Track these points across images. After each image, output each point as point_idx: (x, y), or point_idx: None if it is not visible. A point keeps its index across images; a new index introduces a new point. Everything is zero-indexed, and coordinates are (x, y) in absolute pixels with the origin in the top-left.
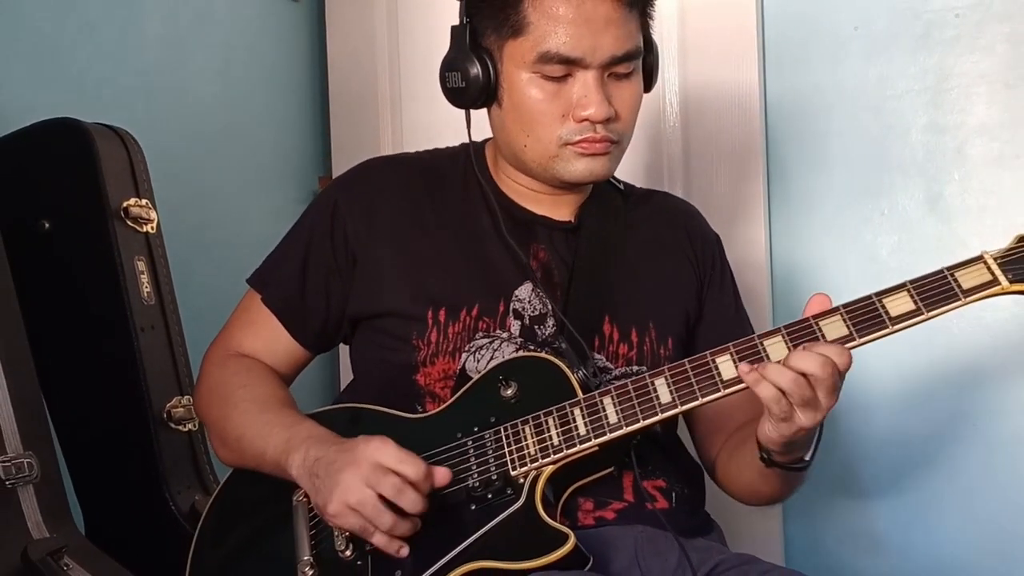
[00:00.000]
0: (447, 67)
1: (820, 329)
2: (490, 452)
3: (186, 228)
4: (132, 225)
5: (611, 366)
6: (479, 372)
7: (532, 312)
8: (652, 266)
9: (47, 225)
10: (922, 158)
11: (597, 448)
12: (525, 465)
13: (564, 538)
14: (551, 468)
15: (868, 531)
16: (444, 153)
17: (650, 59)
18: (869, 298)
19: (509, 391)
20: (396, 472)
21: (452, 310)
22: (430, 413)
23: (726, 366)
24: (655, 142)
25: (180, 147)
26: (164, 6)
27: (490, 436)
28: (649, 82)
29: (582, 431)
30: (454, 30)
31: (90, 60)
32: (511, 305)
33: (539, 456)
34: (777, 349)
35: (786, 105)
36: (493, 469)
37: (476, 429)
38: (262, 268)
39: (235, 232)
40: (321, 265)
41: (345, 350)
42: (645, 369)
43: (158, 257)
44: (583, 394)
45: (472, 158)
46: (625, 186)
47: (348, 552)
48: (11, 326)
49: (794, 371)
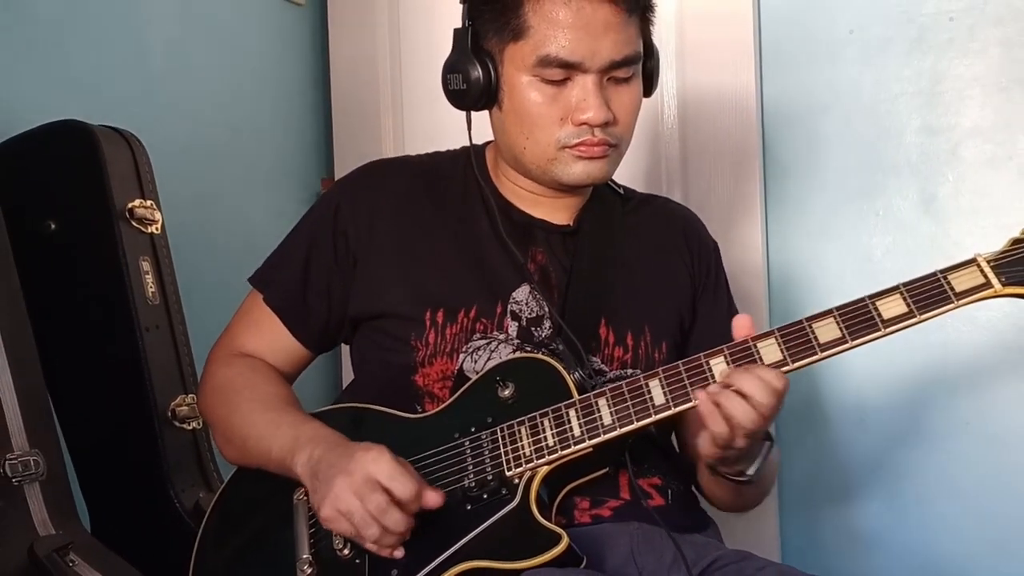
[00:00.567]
0: (449, 69)
1: (813, 332)
2: (486, 452)
3: (190, 229)
4: (137, 226)
5: (606, 369)
6: (477, 373)
7: (529, 314)
8: (649, 271)
9: (53, 225)
10: (916, 160)
11: (592, 449)
12: (520, 465)
13: (557, 538)
14: (546, 468)
15: (863, 528)
16: (445, 156)
17: (650, 64)
18: (862, 300)
19: (506, 392)
20: (386, 489)
21: (450, 311)
22: (428, 413)
23: (719, 368)
24: (653, 145)
25: (184, 149)
26: (169, 10)
27: (486, 436)
28: (649, 87)
29: (577, 432)
30: (456, 33)
31: (96, 63)
32: (509, 307)
33: (534, 457)
34: (770, 351)
35: (782, 108)
36: (489, 469)
37: (473, 429)
38: (264, 268)
39: (238, 232)
40: (322, 266)
41: (347, 350)
42: (640, 372)
43: (163, 257)
44: (579, 395)
45: (472, 161)
46: (625, 190)
47: (346, 551)
48: (17, 325)
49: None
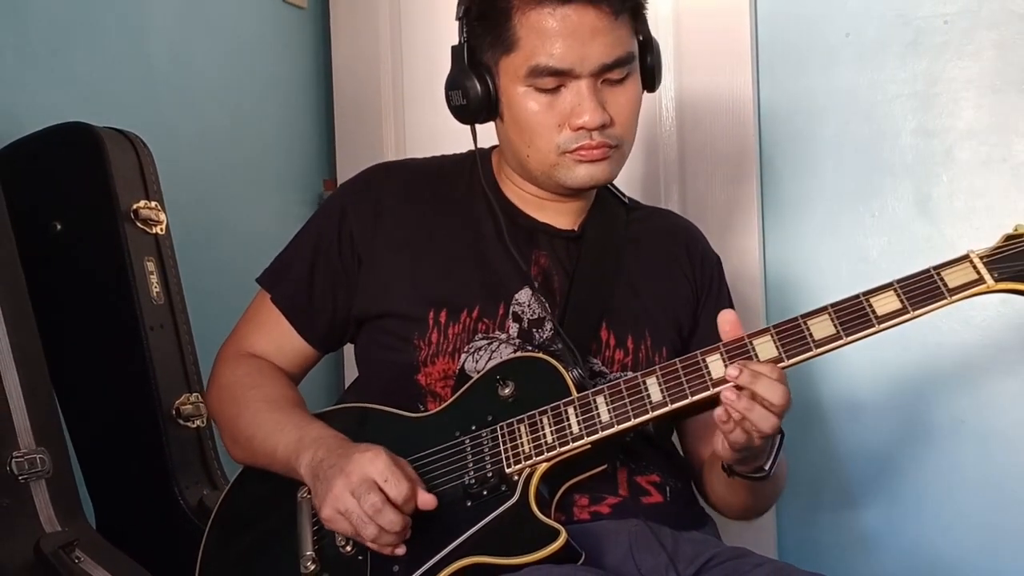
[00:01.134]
0: (450, 86)
1: (808, 328)
2: (486, 450)
3: (194, 229)
4: (142, 226)
5: (606, 371)
6: (478, 372)
7: (531, 316)
8: (651, 278)
9: (59, 226)
10: (912, 161)
11: (590, 446)
12: (520, 463)
13: (556, 534)
14: (545, 465)
15: (859, 526)
16: (450, 159)
17: (650, 59)
18: (856, 297)
19: (507, 390)
20: (382, 490)
21: (453, 312)
22: (430, 412)
23: (716, 365)
24: (651, 147)
25: (189, 150)
26: (172, 14)
27: (487, 434)
28: (652, 82)
29: (575, 429)
30: (454, 49)
31: (100, 66)
32: (511, 308)
33: (533, 454)
34: (766, 349)
35: (779, 110)
36: (489, 466)
37: (474, 428)
38: (272, 269)
39: (242, 233)
40: (328, 267)
41: (350, 349)
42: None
43: (167, 258)
44: (578, 393)
45: (478, 165)
46: (630, 200)
47: (348, 548)
48: (24, 325)
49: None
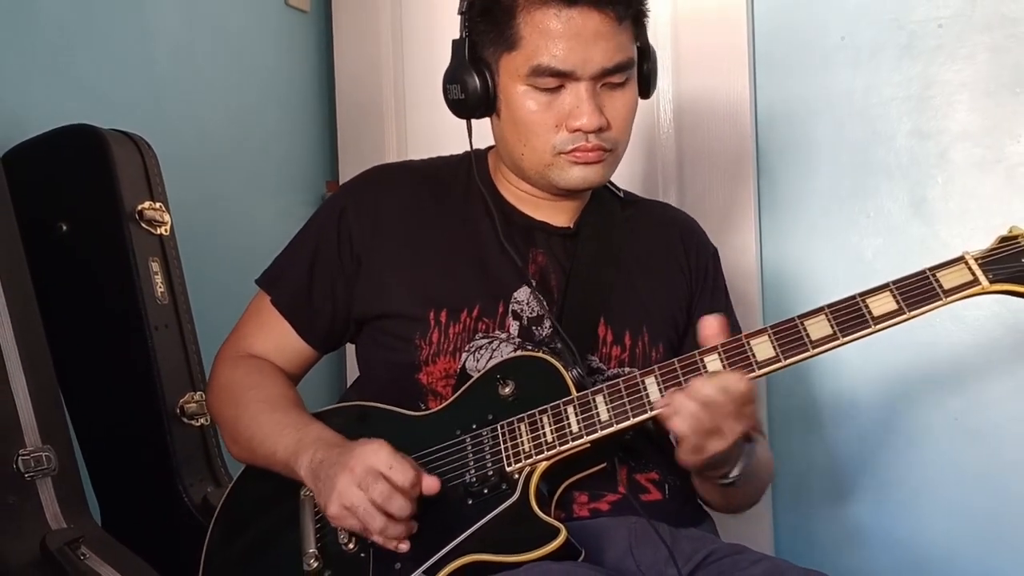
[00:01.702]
0: (448, 79)
1: (805, 329)
2: (487, 448)
3: (198, 230)
4: (146, 227)
5: (604, 367)
6: (479, 371)
7: (530, 314)
8: (647, 272)
9: (65, 227)
10: (906, 163)
11: (589, 444)
12: (520, 461)
13: (556, 532)
14: (545, 464)
15: (854, 522)
16: (448, 160)
17: (647, 66)
18: (853, 298)
19: (507, 389)
20: (387, 478)
21: (453, 311)
22: (431, 411)
23: (713, 365)
24: (650, 150)
25: (193, 152)
26: (178, 18)
27: (487, 433)
28: (647, 89)
29: (575, 428)
30: (455, 44)
31: (107, 69)
32: (510, 307)
33: (533, 452)
34: (763, 348)
35: (776, 113)
36: (489, 465)
37: (475, 426)
38: (271, 270)
39: (245, 234)
40: (328, 267)
41: (351, 348)
42: (637, 370)
43: (171, 258)
44: (577, 393)
45: (474, 165)
46: (625, 194)
47: (351, 545)
48: (30, 325)
49: (696, 400)
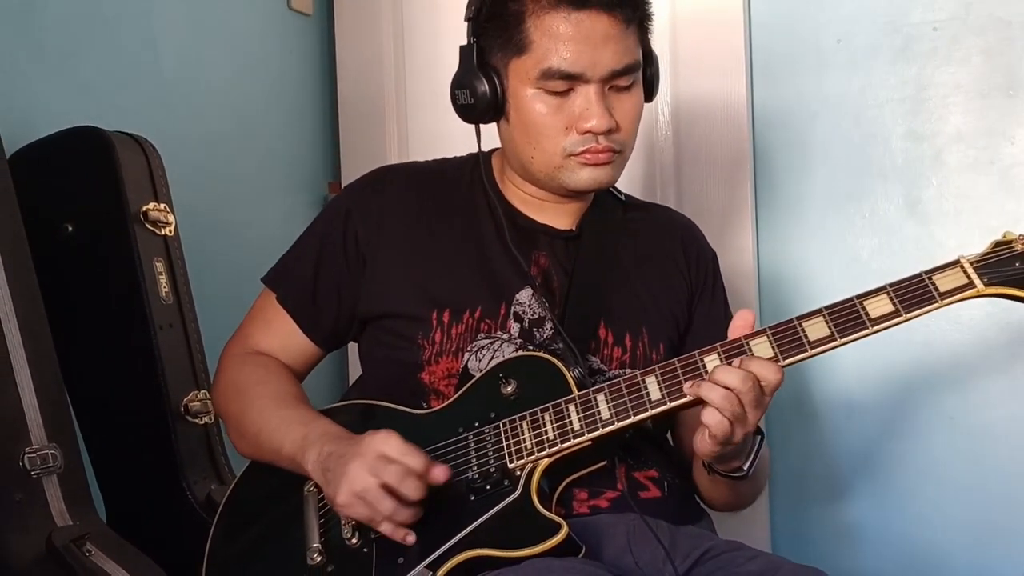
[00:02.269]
0: (457, 85)
1: (803, 330)
2: (489, 446)
3: (202, 231)
4: (151, 228)
5: (605, 368)
6: (481, 371)
7: (532, 315)
8: (647, 275)
9: (70, 228)
10: (901, 164)
11: (590, 442)
12: (522, 458)
13: (557, 528)
14: (546, 461)
15: (850, 519)
16: (452, 162)
17: (650, 71)
18: (850, 300)
19: (509, 388)
20: (399, 462)
21: (456, 312)
22: (434, 409)
23: (713, 364)
24: (648, 151)
25: (197, 154)
26: (181, 21)
27: (489, 431)
28: (650, 93)
29: (576, 426)
30: (462, 50)
31: (112, 72)
32: (512, 308)
33: (535, 450)
34: (762, 349)
35: (773, 115)
36: (492, 462)
37: (477, 424)
38: (277, 269)
39: (249, 234)
40: (333, 267)
41: (353, 346)
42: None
43: (176, 259)
44: (578, 391)
45: (480, 167)
46: (626, 198)
47: (354, 540)
48: (36, 324)
49: (721, 386)
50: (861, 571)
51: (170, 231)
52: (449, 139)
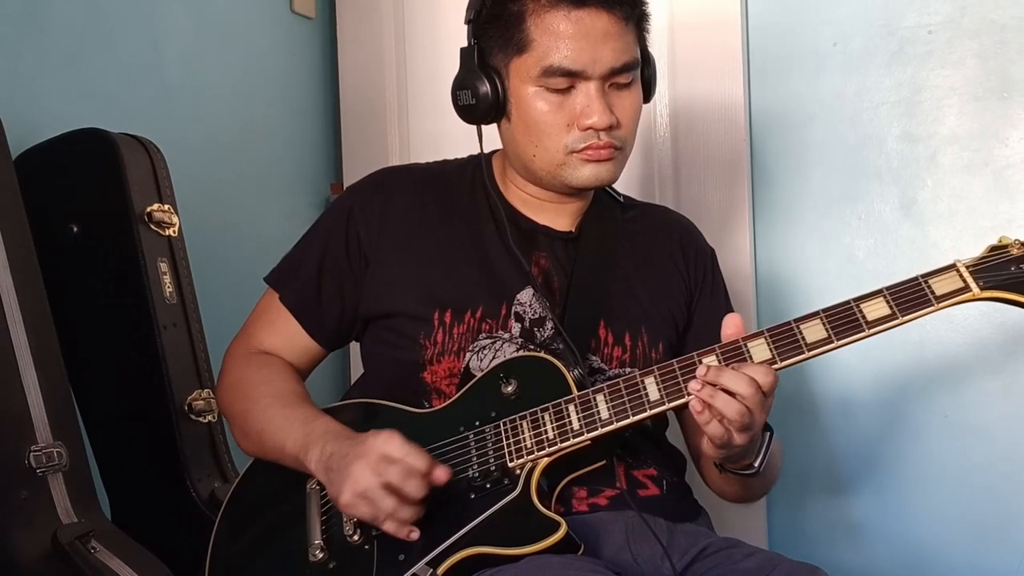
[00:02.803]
0: (458, 86)
1: (800, 332)
2: (489, 445)
3: (206, 231)
4: (155, 229)
5: (605, 367)
6: (482, 370)
7: (532, 315)
8: (646, 275)
9: (75, 228)
10: (897, 166)
11: (589, 442)
12: (522, 457)
13: (556, 526)
14: (546, 460)
15: (847, 516)
16: (454, 164)
17: (648, 71)
18: (847, 303)
19: (509, 388)
20: (402, 462)
21: (457, 312)
22: (435, 408)
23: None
24: (646, 152)
25: (200, 155)
26: (185, 24)
27: (490, 430)
28: (648, 93)
29: (575, 426)
30: (463, 52)
31: (117, 75)
32: (513, 308)
33: (535, 449)
34: (760, 351)
35: (769, 117)
36: (492, 461)
37: (478, 423)
38: (280, 268)
39: (252, 235)
40: (335, 267)
41: (355, 346)
42: (637, 371)
43: (180, 259)
44: (578, 391)
45: (481, 169)
46: (625, 198)
47: (356, 537)
48: (41, 324)
49: (725, 391)
50: (857, 567)
51: (174, 231)
52: (450, 141)
